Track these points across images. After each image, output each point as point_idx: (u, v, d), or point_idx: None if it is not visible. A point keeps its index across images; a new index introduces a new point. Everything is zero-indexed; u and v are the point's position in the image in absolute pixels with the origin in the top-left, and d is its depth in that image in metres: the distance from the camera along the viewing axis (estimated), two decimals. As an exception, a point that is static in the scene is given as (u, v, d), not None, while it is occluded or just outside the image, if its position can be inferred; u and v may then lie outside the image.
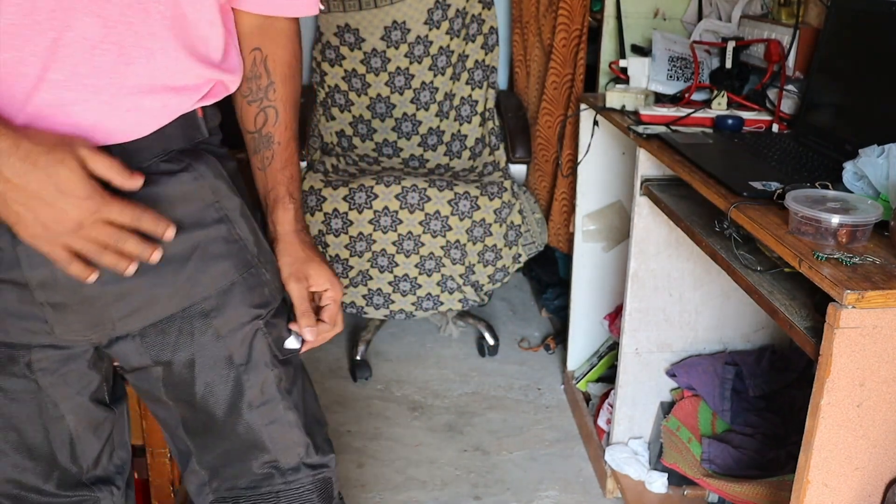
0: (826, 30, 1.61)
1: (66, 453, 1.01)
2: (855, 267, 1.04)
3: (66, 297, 0.90)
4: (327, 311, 1.11)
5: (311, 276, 1.09)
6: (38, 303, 0.89)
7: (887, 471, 1.13)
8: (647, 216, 1.79)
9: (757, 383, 1.92)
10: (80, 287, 0.88)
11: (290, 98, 1.09)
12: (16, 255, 0.86)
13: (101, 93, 0.84)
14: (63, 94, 0.82)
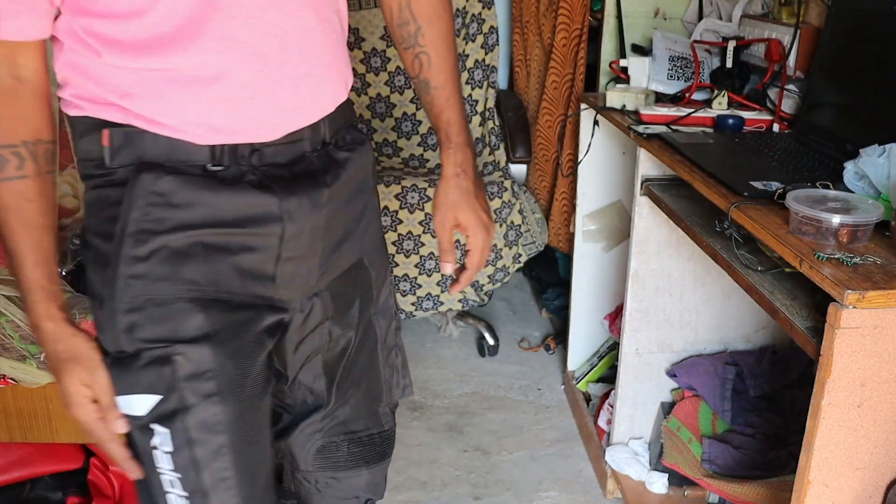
0: (827, 29, 1.61)
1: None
2: (856, 267, 1.04)
3: (299, 252, 0.99)
4: (469, 256, 1.17)
5: (459, 220, 1.14)
6: (282, 258, 0.97)
7: (888, 471, 1.13)
8: (648, 216, 1.79)
9: (757, 383, 1.91)
10: (311, 241, 1.00)
11: (439, 39, 1.10)
12: (280, 213, 0.95)
13: (316, 75, 0.97)
14: (302, 79, 0.95)
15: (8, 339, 1.56)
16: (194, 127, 0.90)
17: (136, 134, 0.90)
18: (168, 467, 0.93)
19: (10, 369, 1.59)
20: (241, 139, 0.92)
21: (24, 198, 0.89)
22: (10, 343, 1.56)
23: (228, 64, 0.89)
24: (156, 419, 0.92)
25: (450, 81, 1.13)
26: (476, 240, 1.16)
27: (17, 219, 0.89)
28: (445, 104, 1.12)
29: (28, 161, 0.89)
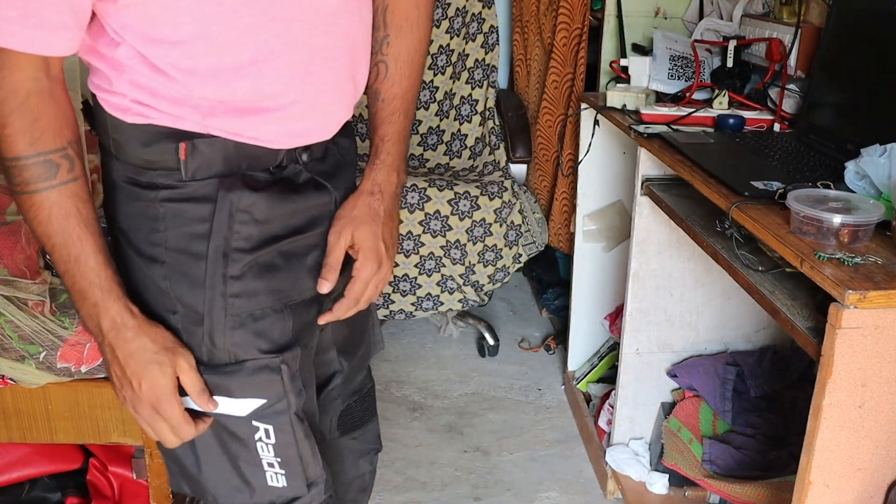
0: (828, 29, 1.61)
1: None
2: (857, 267, 1.04)
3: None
4: (350, 284, 1.05)
5: (354, 239, 1.04)
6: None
7: (889, 472, 1.12)
8: (648, 216, 1.78)
9: (758, 384, 1.91)
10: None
11: (403, 52, 1.05)
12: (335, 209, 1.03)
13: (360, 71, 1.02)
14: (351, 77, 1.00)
15: (7, 339, 1.56)
16: (274, 136, 0.95)
17: (212, 145, 0.92)
18: (269, 453, 1.00)
19: (10, 369, 1.58)
20: (308, 141, 0.99)
21: (79, 199, 0.90)
22: (10, 343, 1.56)
23: (301, 82, 0.94)
24: (258, 418, 0.98)
25: (399, 98, 1.07)
26: (364, 268, 1.04)
27: (78, 222, 0.89)
28: (387, 118, 1.07)
29: (76, 161, 0.89)
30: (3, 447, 1.75)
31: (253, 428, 0.99)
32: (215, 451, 1.02)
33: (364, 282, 1.06)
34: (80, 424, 1.67)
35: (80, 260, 0.90)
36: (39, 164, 0.86)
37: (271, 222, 0.96)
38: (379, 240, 1.05)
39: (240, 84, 0.90)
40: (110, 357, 0.93)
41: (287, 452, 1.01)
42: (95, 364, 1.60)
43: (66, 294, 1.64)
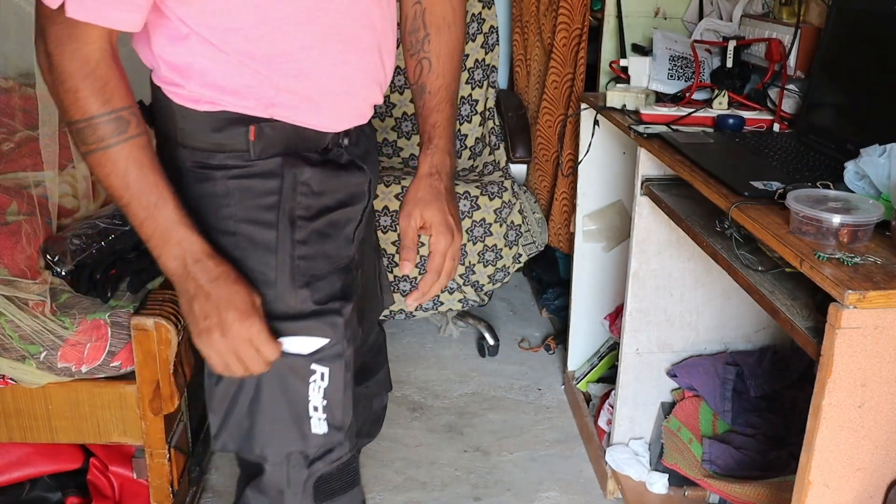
0: (827, 29, 1.61)
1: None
2: (856, 267, 1.04)
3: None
4: (430, 259, 1.17)
5: (425, 218, 1.16)
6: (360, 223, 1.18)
7: (889, 472, 1.13)
8: (648, 216, 1.78)
9: (758, 384, 1.91)
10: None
11: (444, 49, 1.18)
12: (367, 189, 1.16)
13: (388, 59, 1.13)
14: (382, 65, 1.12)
15: (7, 339, 1.56)
16: (325, 120, 1.08)
17: (275, 129, 1.04)
18: (319, 396, 1.09)
19: (10, 369, 1.59)
20: (350, 124, 1.12)
21: (149, 151, 0.99)
22: (10, 343, 1.56)
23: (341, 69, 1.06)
24: (317, 360, 1.08)
25: (444, 89, 1.18)
26: (439, 241, 1.16)
27: (152, 170, 0.98)
28: (435, 108, 1.18)
29: (140, 119, 0.99)
30: (3, 447, 1.75)
31: (311, 371, 1.08)
32: (271, 396, 1.09)
33: (441, 254, 1.16)
34: (80, 424, 1.67)
35: (159, 205, 0.98)
36: (112, 121, 0.95)
37: (324, 195, 1.09)
38: (447, 214, 1.16)
39: (290, 68, 1.01)
40: (194, 291, 1.00)
41: (335, 396, 1.10)
42: (95, 364, 1.60)
43: (67, 294, 1.64)
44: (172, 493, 1.74)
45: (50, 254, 1.65)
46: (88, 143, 0.96)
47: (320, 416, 1.10)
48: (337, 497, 1.17)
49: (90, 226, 1.70)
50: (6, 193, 1.80)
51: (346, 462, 1.17)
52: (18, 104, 2.18)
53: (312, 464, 1.14)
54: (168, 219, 0.98)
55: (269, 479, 1.15)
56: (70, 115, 0.95)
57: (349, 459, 1.18)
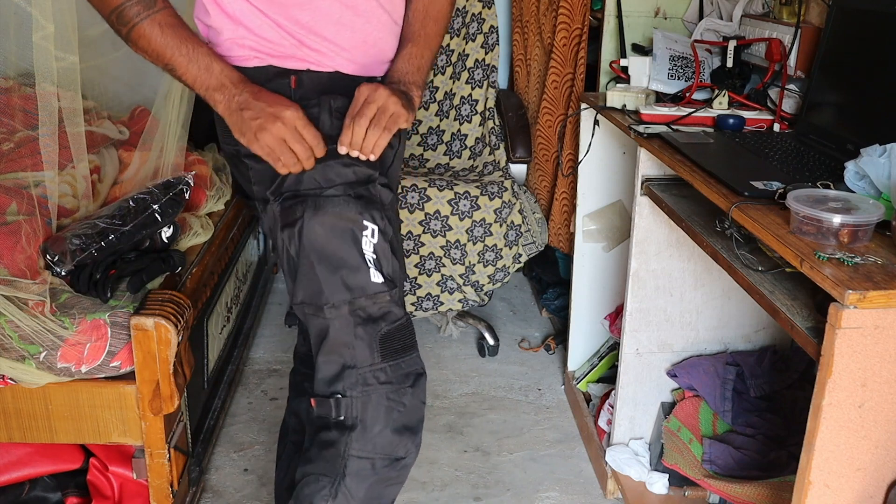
0: (827, 29, 1.61)
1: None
2: (856, 267, 1.04)
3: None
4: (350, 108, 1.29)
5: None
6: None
7: (889, 472, 1.12)
8: (648, 216, 1.78)
9: (758, 384, 1.91)
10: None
11: (420, 5, 1.38)
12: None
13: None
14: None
15: (7, 339, 1.56)
16: (350, 62, 1.32)
17: (310, 78, 1.29)
18: (370, 249, 1.26)
19: (10, 369, 1.59)
20: (369, 72, 1.34)
21: (177, 17, 1.22)
22: (10, 343, 1.56)
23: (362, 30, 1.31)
24: (366, 218, 1.26)
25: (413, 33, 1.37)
26: (360, 90, 1.26)
27: (184, 28, 1.21)
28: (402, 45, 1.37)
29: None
30: (3, 447, 1.75)
31: (364, 225, 1.26)
32: (333, 245, 1.25)
33: (358, 99, 1.25)
34: (80, 424, 1.67)
35: (196, 49, 1.21)
36: (141, 2, 1.18)
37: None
38: (372, 84, 1.27)
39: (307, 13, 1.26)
40: (244, 103, 1.22)
41: (383, 252, 1.27)
42: (95, 364, 1.60)
43: (67, 294, 1.64)
44: (172, 493, 1.74)
45: (50, 254, 1.65)
46: (127, 22, 1.18)
47: (375, 268, 1.26)
48: (399, 357, 1.28)
49: (90, 226, 1.70)
50: (6, 193, 1.80)
51: (404, 323, 1.30)
52: (18, 104, 2.17)
53: (376, 321, 1.26)
54: (206, 55, 1.21)
55: (336, 337, 1.26)
56: (109, 5, 1.18)
57: (406, 321, 1.31)
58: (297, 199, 1.26)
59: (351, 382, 1.26)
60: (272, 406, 2.36)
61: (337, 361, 1.26)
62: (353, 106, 1.25)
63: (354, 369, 1.25)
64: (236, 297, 2.35)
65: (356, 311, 1.25)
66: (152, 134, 2.01)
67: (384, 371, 1.26)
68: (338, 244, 1.25)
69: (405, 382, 1.28)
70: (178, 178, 1.90)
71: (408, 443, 1.31)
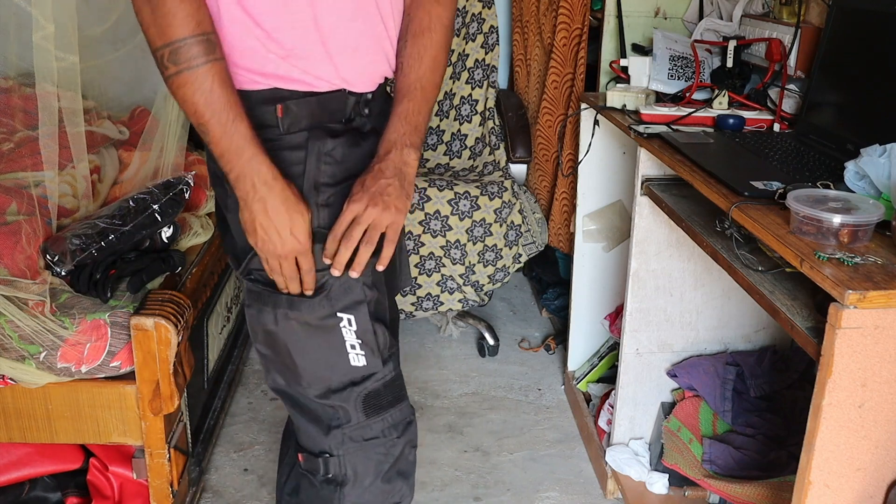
0: (827, 29, 1.61)
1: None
2: (856, 267, 1.04)
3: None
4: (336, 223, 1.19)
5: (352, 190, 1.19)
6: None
7: (889, 472, 1.12)
8: (648, 216, 1.78)
9: (758, 384, 1.91)
10: None
11: (415, 51, 1.23)
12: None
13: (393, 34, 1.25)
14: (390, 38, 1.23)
15: (7, 339, 1.56)
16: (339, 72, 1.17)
17: (299, 105, 1.15)
18: (352, 336, 1.20)
19: (10, 369, 1.59)
20: (360, 88, 1.20)
21: (228, 73, 1.09)
22: (10, 343, 1.56)
23: (360, 35, 1.17)
24: (340, 310, 1.19)
25: (406, 87, 1.22)
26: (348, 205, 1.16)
27: (232, 90, 1.09)
28: (395, 103, 1.23)
29: (220, 43, 1.09)
30: (3, 447, 1.75)
31: (338, 318, 1.19)
32: (309, 343, 1.20)
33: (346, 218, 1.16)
34: (80, 424, 1.67)
35: (237, 121, 1.09)
36: (202, 42, 1.05)
37: (347, 162, 1.19)
38: (362, 186, 1.17)
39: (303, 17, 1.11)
40: (258, 209, 1.11)
41: (366, 336, 1.21)
42: (95, 364, 1.60)
43: (67, 294, 1.64)
44: (172, 493, 1.74)
45: (50, 254, 1.65)
46: (180, 63, 1.05)
47: (358, 353, 1.21)
48: (385, 411, 1.25)
49: (90, 226, 1.70)
50: (6, 193, 1.80)
51: (391, 379, 1.26)
52: (18, 104, 2.18)
53: (359, 384, 1.23)
54: (243, 136, 1.09)
55: (321, 403, 1.24)
56: (165, 37, 1.04)
57: (394, 376, 1.27)
58: (268, 288, 1.19)
59: (337, 442, 1.24)
60: (272, 406, 2.36)
61: (321, 423, 1.25)
62: (340, 223, 1.15)
63: (339, 429, 1.24)
64: (236, 297, 2.35)
65: (338, 385, 1.23)
66: (152, 134, 2.02)
67: (370, 427, 1.24)
68: (315, 343, 1.20)
69: (392, 434, 1.26)
70: (178, 178, 1.90)
71: (402, 487, 1.30)
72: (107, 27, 2.27)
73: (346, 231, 1.15)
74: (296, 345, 1.21)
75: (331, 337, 1.20)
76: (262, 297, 1.20)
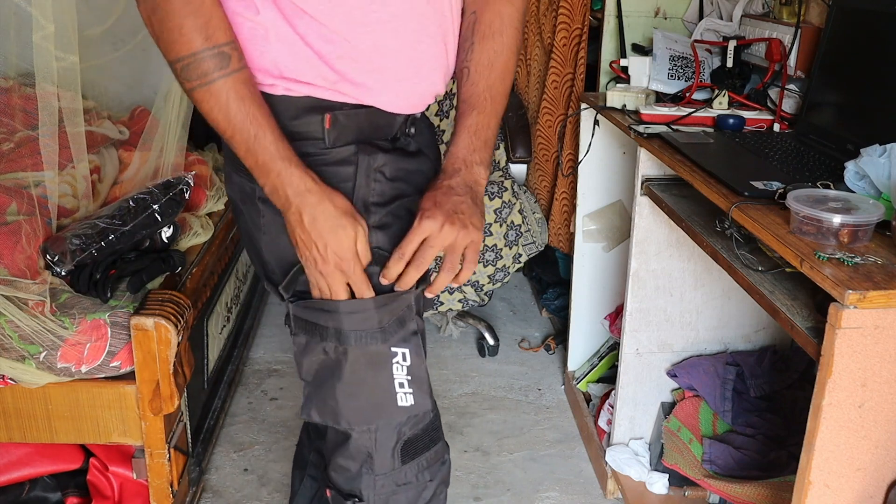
0: (828, 29, 1.61)
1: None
2: (856, 267, 1.04)
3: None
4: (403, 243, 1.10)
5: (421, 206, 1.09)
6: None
7: (889, 472, 1.12)
8: (648, 216, 1.78)
9: (758, 384, 1.91)
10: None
11: (484, 57, 1.14)
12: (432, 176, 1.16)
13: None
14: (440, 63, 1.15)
15: (7, 339, 1.56)
16: (395, 99, 1.09)
17: (348, 116, 1.07)
18: (403, 374, 1.13)
19: (10, 369, 1.59)
20: (414, 108, 1.14)
21: (250, 84, 1.02)
22: (10, 343, 1.56)
23: (421, 60, 1.09)
24: (394, 343, 1.11)
25: (475, 96, 1.13)
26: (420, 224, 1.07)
27: (252, 103, 1.01)
28: (462, 115, 1.14)
29: (241, 53, 1.02)
30: (3, 447, 1.75)
31: (392, 353, 1.11)
32: (356, 378, 1.11)
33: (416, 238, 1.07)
34: (80, 424, 1.67)
35: (258, 136, 1.01)
36: (214, 56, 0.99)
37: (397, 181, 1.12)
38: (434, 203, 1.08)
39: (365, 41, 1.04)
40: (296, 222, 1.04)
41: (418, 372, 1.13)
42: (95, 364, 1.60)
43: (67, 294, 1.64)
44: (172, 493, 1.74)
45: (50, 254, 1.65)
46: (192, 79, 0.99)
47: (406, 391, 1.14)
48: (421, 455, 1.21)
49: (90, 226, 1.70)
50: (6, 193, 1.80)
51: (430, 421, 1.22)
52: (18, 104, 2.18)
53: (399, 429, 1.17)
54: (266, 151, 1.02)
55: (357, 444, 1.17)
56: (175, 52, 0.98)
57: (433, 418, 1.23)
58: (315, 314, 1.10)
59: (368, 486, 1.18)
60: (272, 406, 2.36)
61: (354, 464, 1.19)
62: (410, 241, 1.06)
63: (372, 475, 1.18)
64: (236, 297, 2.36)
65: (378, 426, 1.16)
66: (152, 134, 2.02)
67: (404, 473, 1.19)
68: (362, 380, 1.12)
69: (425, 477, 1.22)
70: (178, 178, 1.90)
71: None
72: (107, 27, 2.26)
73: (416, 251, 1.06)
74: (341, 382, 1.12)
75: (380, 374, 1.11)
76: (307, 327, 1.11)
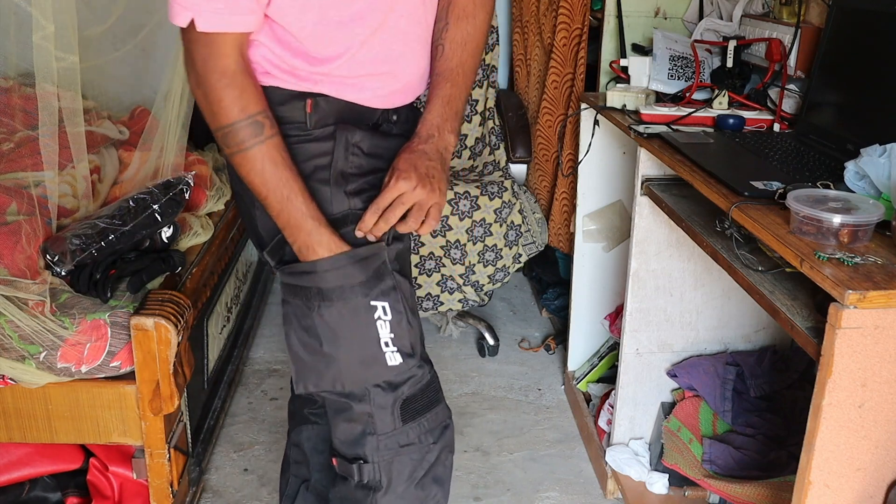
0: (827, 29, 1.61)
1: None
2: (856, 267, 1.04)
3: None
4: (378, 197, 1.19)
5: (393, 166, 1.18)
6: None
7: (889, 472, 1.12)
8: (648, 216, 1.78)
9: (758, 384, 1.91)
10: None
11: (458, 35, 1.24)
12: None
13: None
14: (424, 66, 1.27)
15: (7, 339, 1.56)
16: (371, 97, 1.19)
17: (328, 102, 1.17)
18: (386, 331, 1.19)
19: (10, 369, 1.59)
20: (395, 104, 1.23)
21: (282, 150, 1.13)
22: (10, 343, 1.56)
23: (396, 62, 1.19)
24: (374, 297, 1.18)
25: (448, 70, 1.23)
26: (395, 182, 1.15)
27: (284, 168, 1.12)
28: (434, 86, 1.23)
29: (273, 121, 1.13)
30: (3, 447, 1.75)
31: (372, 307, 1.18)
32: (344, 333, 1.19)
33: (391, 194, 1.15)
34: (80, 424, 1.67)
35: (290, 198, 1.12)
36: (249, 125, 1.10)
37: (374, 157, 1.20)
38: (415, 163, 1.16)
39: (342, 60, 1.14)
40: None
41: (400, 328, 1.20)
42: (95, 364, 1.60)
43: (67, 294, 1.64)
44: (172, 493, 1.74)
45: (50, 254, 1.65)
46: (231, 146, 1.11)
47: (392, 350, 1.20)
48: (421, 416, 1.26)
49: (90, 226, 1.70)
50: (6, 193, 1.80)
51: (427, 382, 1.27)
52: (18, 104, 2.18)
53: (396, 388, 1.22)
54: (298, 211, 1.13)
55: (356, 407, 1.23)
56: (216, 122, 1.10)
57: (430, 379, 1.28)
58: (298, 276, 1.19)
59: (372, 448, 1.23)
60: (272, 406, 2.36)
61: (356, 427, 1.24)
62: (385, 197, 1.15)
63: (374, 436, 1.22)
64: (236, 297, 2.36)
65: (374, 386, 1.22)
66: (152, 134, 2.02)
67: (406, 434, 1.24)
68: (350, 333, 1.19)
69: (428, 439, 1.26)
70: (178, 178, 1.90)
71: (436, 493, 1.29)
72: (107, 27, 2.26)
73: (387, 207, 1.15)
74: (331, 337, 1.19)
75: (367, 331, 1.19)
76: (296, 290, 1.20)
